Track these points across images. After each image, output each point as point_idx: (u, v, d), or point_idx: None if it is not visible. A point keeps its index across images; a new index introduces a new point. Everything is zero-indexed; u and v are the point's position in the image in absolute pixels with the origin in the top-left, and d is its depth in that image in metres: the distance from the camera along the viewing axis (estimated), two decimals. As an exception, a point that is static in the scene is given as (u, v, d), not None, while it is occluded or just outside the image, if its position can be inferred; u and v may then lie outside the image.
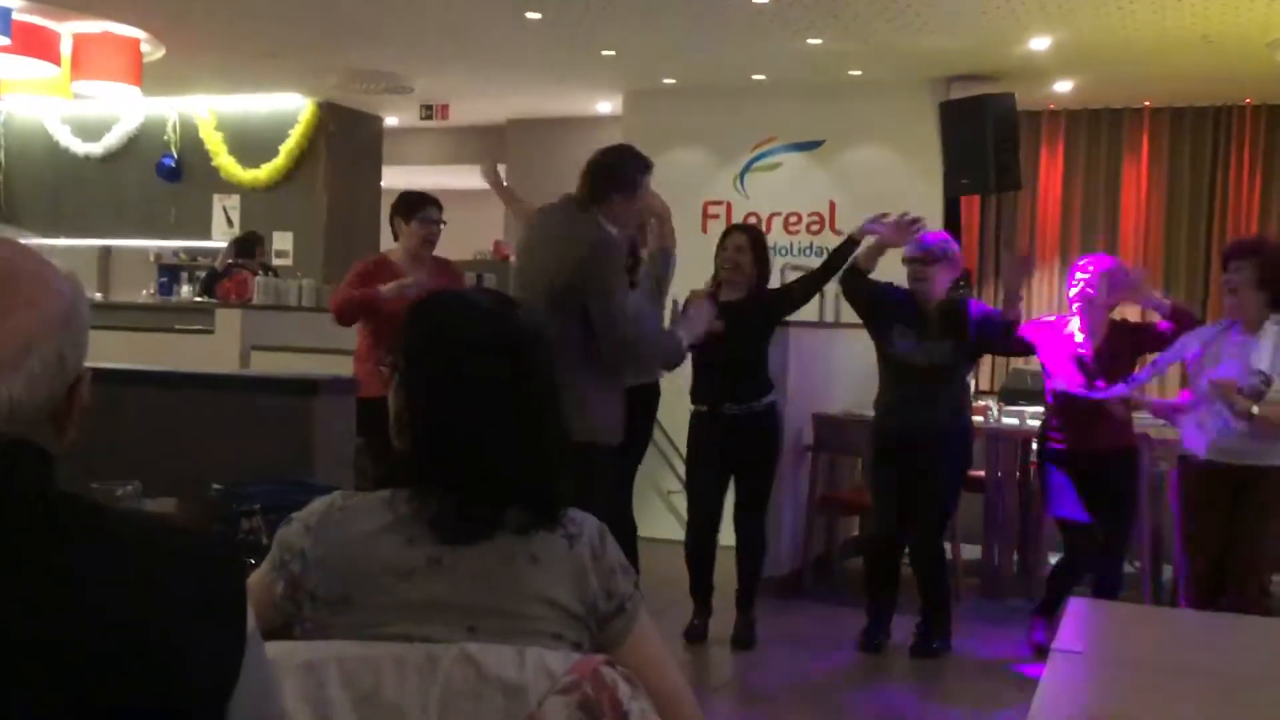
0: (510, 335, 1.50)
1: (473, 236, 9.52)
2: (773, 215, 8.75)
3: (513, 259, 5.83)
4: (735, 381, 4.66)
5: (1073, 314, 4.51)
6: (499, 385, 1.47)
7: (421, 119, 9.82)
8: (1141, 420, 4.72)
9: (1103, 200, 9.32)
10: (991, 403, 6.20)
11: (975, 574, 5.76)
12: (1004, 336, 4.48)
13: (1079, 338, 4.47)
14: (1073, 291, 4.51)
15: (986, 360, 8.04)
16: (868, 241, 4.53)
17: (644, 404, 4.88)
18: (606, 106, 9.29)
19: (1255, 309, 4.02)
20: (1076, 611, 2.05)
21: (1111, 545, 4.56)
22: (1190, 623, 2.22)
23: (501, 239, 9.81)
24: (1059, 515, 4.68)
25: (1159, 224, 9.25)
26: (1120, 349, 4.50)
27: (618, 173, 3.67)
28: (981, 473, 5.61)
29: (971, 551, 5.78)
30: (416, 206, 4.70)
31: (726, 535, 4.88)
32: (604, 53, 7.52)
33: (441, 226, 4.78)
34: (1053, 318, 4.80)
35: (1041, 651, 4.10)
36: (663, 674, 1.51)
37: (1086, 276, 4.47)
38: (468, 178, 10.75)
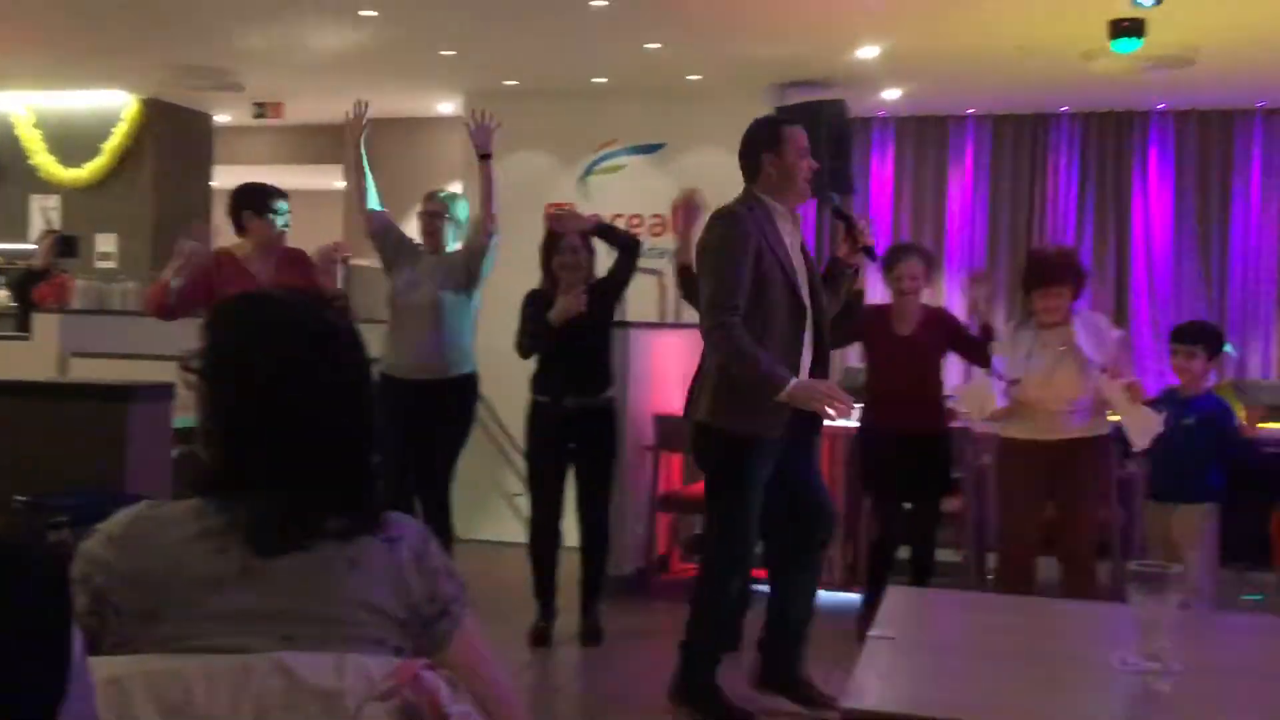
0: (320, 333, 1.47)
1: (310, 238, 9.30)
2: (615, 217, 8.77)
3: (352, 261, 5.73)
4: (580, 374, 4.70)
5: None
6: (312, 386, 1.44)
7: (254, 117, 9.55)
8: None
9: (929, 205, 9.68)
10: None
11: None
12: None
13: (897, 324, 4.75)
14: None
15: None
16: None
17: (461, 394, 4.89)
18: (448, 107, 9.20)
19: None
20: (894, 598, 2.13)
21: (925, 527, 4.80)
22: (1002, 607, 2.32)
23: (341, 239, 9.60)
24: (874, 497, 4.91)
25: (983, 228, 9.65)
26: (936, 333, 4.78)
27: (759, 133, 3.74)
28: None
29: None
30: (268, 199, 4.60)
31: (569, 537, 4.91)
32: (443, 52, 7.45)
33: (289, 218, 4.71)
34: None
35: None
36: (488, 676, 1.51)
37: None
38: (305, 177, 10.51)
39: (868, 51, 7.26)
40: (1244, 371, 8.75)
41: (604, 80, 8.20)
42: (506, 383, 5.39)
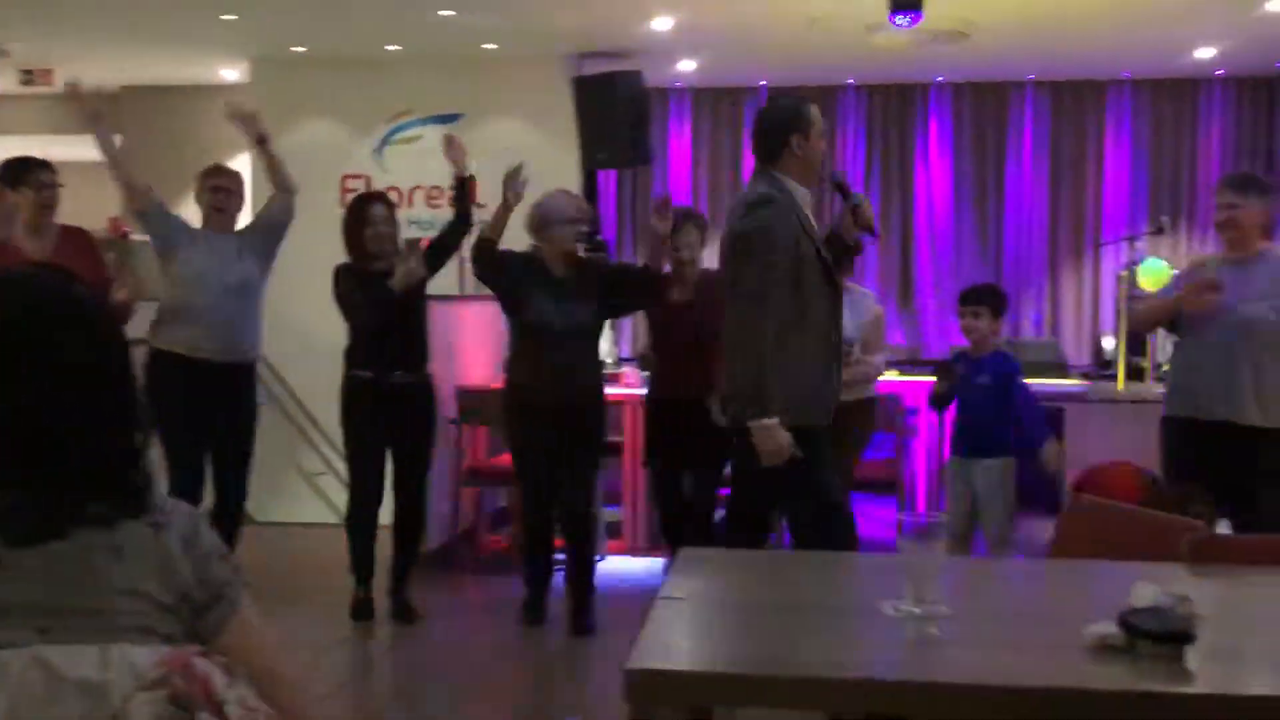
0: (72, 311, 1.40)
1: (86, 213, 8.80)
2: (414, 189, 8.63)
3: (133, 236, 5.44)
4: (404, 349, 4.62)
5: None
6: (67, 367, 1.37)
7: (21, 84, 8.95)
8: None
9: (726, 175, 9.87)
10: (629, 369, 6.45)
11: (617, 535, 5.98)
12: (644, 286, 4.59)
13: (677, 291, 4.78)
14: None
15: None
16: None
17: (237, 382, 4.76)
18: (232, 74, 8.82)
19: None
20: (684, 560, 2.18)
21: (708, 492, 4.87)
22: (788, 563, 2.40)
23: (119, 215, 9.13)
24: (659, 464, 4.97)
25: (778, 196, 9.90)
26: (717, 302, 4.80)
27: (785, 114, 3.52)
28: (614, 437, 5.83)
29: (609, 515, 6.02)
30: (24, 171, 4.31)
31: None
32: (224, 16, 7.13)
33: (58, 190, 4.42)
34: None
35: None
36: (268, 659, 1.47)
37: None
38: (80, 148, 9.92)
39: (662, 23, 7.33)
40: (1018, 331, 9.28)
41: (398, 48, 8.02)
42: (305, 359, 5.25)
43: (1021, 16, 7.23)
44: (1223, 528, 3.93)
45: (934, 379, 5.06)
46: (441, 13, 7.06)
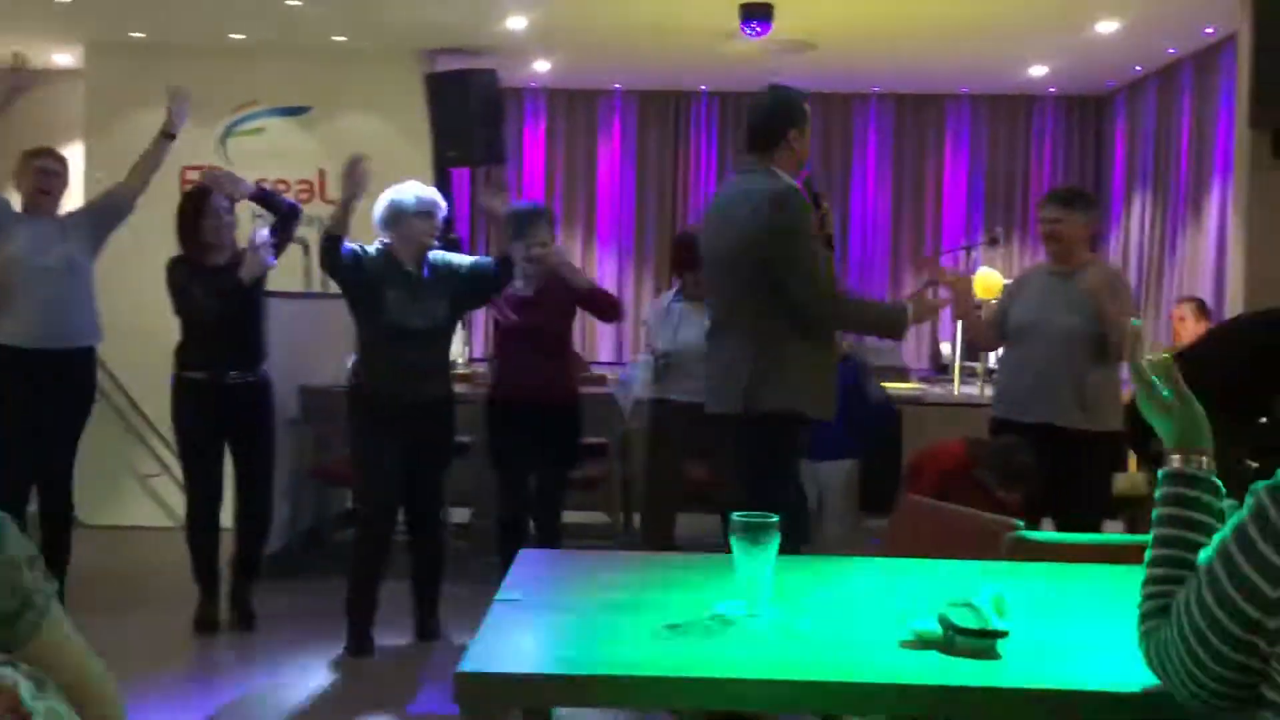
0: None
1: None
2: (259, 182, 8.40)
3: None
4: (240, 348, 4.49)
5: None
6: None
7: None
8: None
9: (581, 177, 9.90)
10: (480, 368, 6.42)
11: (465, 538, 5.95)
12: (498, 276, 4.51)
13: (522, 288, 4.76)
14: None
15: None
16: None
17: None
18: (66, 59, 8.45)
19: None
20: (523, 562, 2.19)
21: (549, 497, 4.87)
22: (625, 564, 2.43)
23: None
24: (500, 470, 4.93)
25: (631, 200, 9.98)
26: (558, 295, 4.79)
27: (786, 107, 3.51)
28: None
29: (458, 516, 5.98)
30: None
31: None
32: (57, -1, 6.84)
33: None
34: None
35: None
36: (80, 670, 1.42)
37: None
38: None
39: (516, 22, 7.31)
40: (861, 336, 9.54)
41: (242, 37, 7.81)
42: (138, 356, 5.07)
43: (866, 31, 7.45)
44: (1046, 526, 4.13)
45: None
46: (289, 2, 6.90)
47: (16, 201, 4.65)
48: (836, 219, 9.88)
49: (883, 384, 5.61)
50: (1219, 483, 1.55)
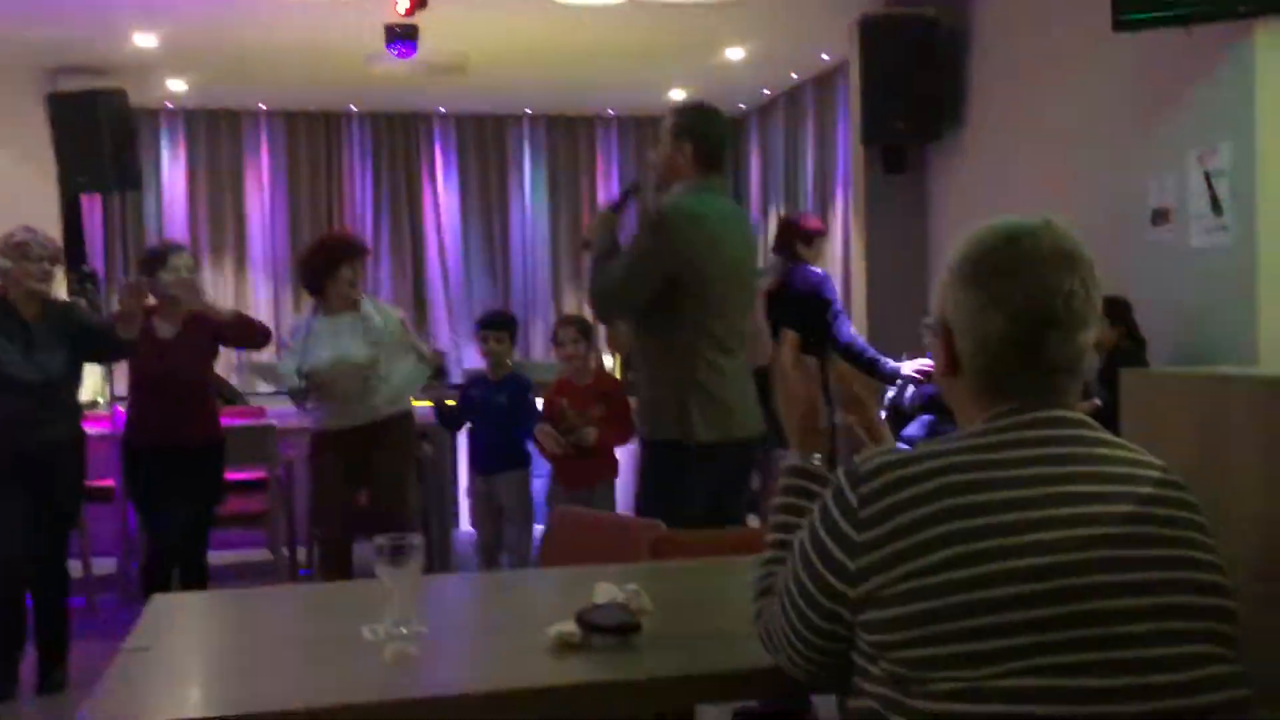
0: None
1: None
2: None
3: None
4: None
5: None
6: None
7: None
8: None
9: (229, 199, 9.50)
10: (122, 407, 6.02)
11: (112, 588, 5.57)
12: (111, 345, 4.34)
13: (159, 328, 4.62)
14: None
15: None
16: None
17: None
18: None
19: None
20: (155, 607, 2.08)
21: (195, 538, 4.76)
22: (271, 599, 2.37)
23: None
24: (142, 512, 4.77)
25: (284, 224, 9.68)
26: (199, 333, 4.65)
27: (728, 128, 3.39)
28: (109, 482, 5.43)
29: (106, 565, 5.59)
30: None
31: None
32: None
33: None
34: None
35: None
36: None
37: None
38: None
39: (145, 39, 6.94)
40: (527, 352, 9.70)
41: None
42: None
43: (513, 52, 7.60)
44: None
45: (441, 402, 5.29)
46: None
47: None
48: (496, 237, 10.00)
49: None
50: (827, 475, 1.71)
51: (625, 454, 5.00)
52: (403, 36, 6.66)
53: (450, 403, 5.36)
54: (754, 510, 4.48)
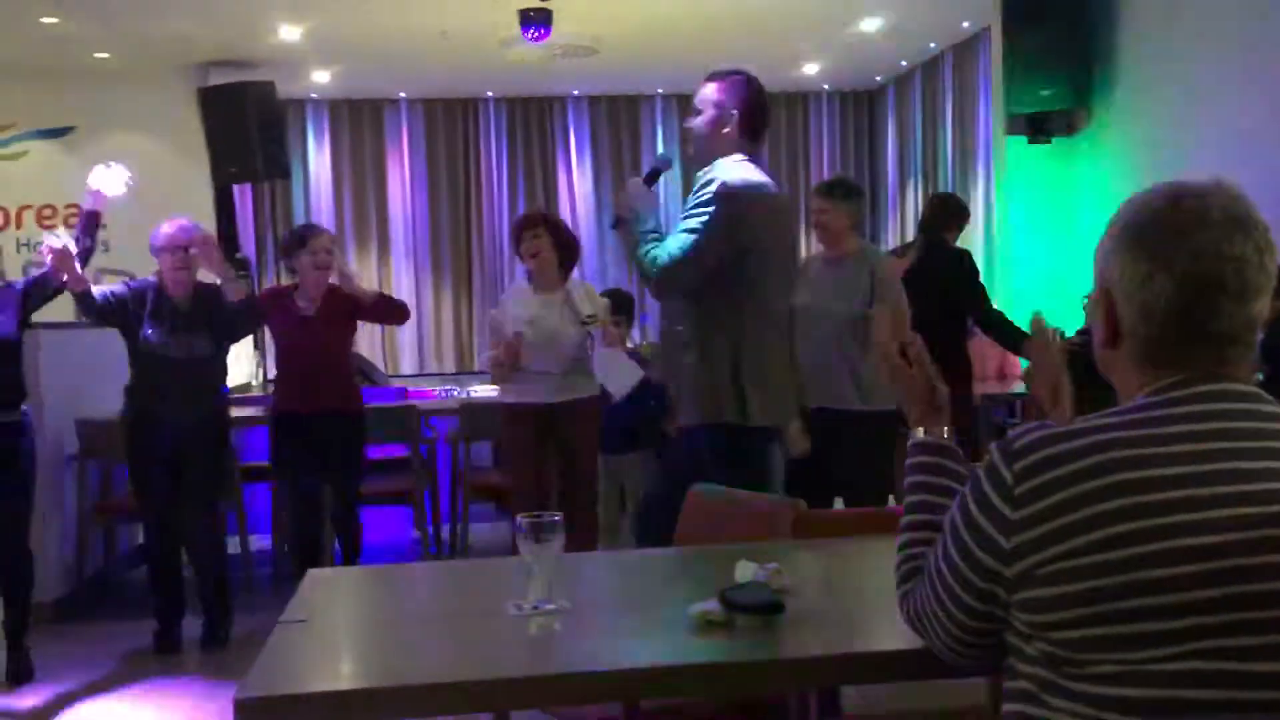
0: None
1: None
2: (23, 208, 8.00)
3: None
4: None
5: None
6: None
7: None
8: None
9: (371, 187, 9.74)
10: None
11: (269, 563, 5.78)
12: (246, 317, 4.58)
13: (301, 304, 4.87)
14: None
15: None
16: None
17: None
18: None
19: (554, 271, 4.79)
20: (311, 581, 2.15)
21: (345, 508, 4.94)
22: (420, 576, 2.42)
23: None
24: (289, 481, 4.99)
25: (424, 207, 9.88)
26: (338, 310, 4.82)
27: (762, 95, 3.30)
28: (262, 461, 5.64)
29: (262, 542, 5.81)
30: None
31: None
32: None
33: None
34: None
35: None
36: None
37: None
38: None
39: (289, 33, 7.15)
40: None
41: (-5, 57, 7.38)
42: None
43: (645, 33, 7.59)
44: (839, 504, 4.31)
45: None
46: (44, 19, 6.56)
47: None
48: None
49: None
50: (958, 450, 1.66)
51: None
52: (537, 20, 6.72)
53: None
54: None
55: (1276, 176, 4.80)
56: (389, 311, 5.09)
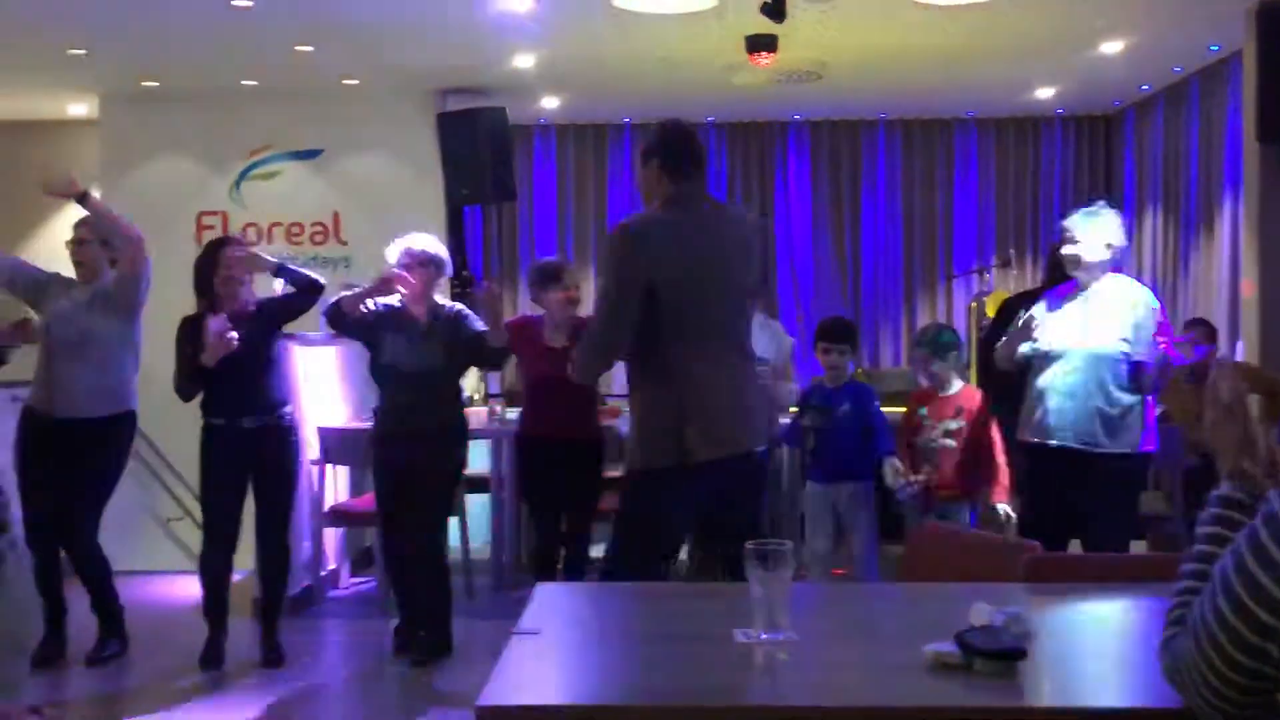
0: None
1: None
2: (273, 225, 8.51)
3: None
4: (253, 394, 4.55)
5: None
6: None
7: None
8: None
9: (592, 211, 9.94)
10: (498, 404, 6.47)
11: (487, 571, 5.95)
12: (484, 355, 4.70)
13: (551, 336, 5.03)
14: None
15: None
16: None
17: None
18: (80, 109, 8.58)
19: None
20: (542, 595, 2.20)
21: (578, 530, 5.06)
22: (644, 595, 2.44)
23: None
24: (531, 504, 5.21)
25: (643, 231, 10.01)
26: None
27: (676, 135, 3.36)
28: (484, 472, 5.83)
29: (483, 551, 6.00)
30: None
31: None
32: (71, 51, 6.94)
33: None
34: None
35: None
36: None
37: None
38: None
39: (523, 60, 7.38)
40: (877, 361, 9.55)
41: (254, 83, 7.90)
42: (157, 402, 5.09)
43: (871, 58, 7.49)
44: (1074, 548, 4.11)
45: (797, 412, 5.21)
46: (299, 48, 6.99)
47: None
48: (847, 245, 9.91)
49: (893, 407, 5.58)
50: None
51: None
52: (763, 46, 6.73)
53: (793, 410, 5.30)
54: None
55: None
56: None
